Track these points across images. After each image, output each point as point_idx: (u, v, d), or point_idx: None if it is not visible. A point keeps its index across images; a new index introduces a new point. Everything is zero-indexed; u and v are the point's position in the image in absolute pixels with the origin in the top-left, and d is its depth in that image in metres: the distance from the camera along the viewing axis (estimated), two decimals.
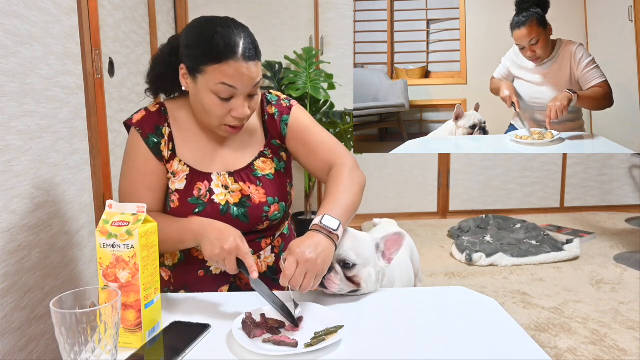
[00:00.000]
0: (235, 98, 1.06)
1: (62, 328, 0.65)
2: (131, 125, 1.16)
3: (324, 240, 0.98)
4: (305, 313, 0.94)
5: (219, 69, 1.02)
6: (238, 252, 0.96)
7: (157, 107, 1.18)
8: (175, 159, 1.15)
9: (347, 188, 1.11)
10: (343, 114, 3.18)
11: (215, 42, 1.02)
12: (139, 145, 1.15)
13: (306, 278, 0.94)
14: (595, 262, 2.78)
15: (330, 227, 1.00)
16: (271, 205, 1.17)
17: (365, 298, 1.05)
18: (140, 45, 2.46)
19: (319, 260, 0.95)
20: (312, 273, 0.94)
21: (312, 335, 0.85)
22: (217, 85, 1.03)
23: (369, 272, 1.04)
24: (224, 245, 0.96)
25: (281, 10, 3.54)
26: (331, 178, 1.15)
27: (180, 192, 1.13)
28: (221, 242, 0.96)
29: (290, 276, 0.93)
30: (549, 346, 1.89)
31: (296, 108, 1.24)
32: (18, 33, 1.23)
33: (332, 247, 0.99)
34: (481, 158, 3.85)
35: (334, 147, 1.22)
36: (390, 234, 1.08)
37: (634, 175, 3.96)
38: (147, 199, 1.13)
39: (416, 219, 3.80)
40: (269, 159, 1.21)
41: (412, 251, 1.58)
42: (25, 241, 1.21)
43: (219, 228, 1.01)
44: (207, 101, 1.06)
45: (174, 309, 0.99)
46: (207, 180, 1.15)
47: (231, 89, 1.04)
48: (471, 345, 0.84)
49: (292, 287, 0.94)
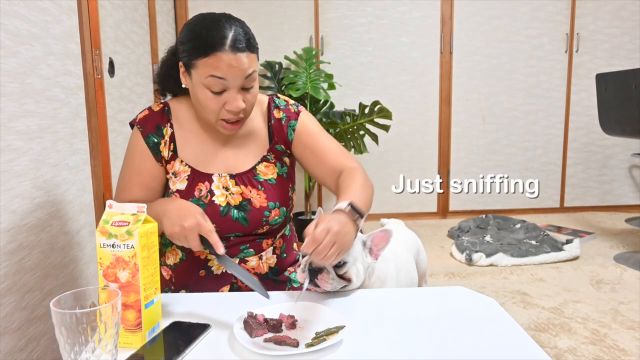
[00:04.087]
0: (228, 91, 1.06)
1: (62, 328, 0.65)
2: (134, 124, 1.17)
3: (351, 222, 0.98)
4: (306, 313, 0.94)
5: (208, 62, 1.03)
6: (200, 229, 0.94)
7: (161, 106, 1.19)
8: (177, 159, 1.15)
9: (363, 186, 1.10)
10: (343, 114, 3.18)
11: (203, 36, 1.03)
12: (138, 144, 1.15)
13: (333, 248, 0.92)
14: (595, 262, 2.78)
15: (357, 215, 0.99)
16: (272, 210, 1.17)
17: (365, 298, 1.05)
18: (140, 45, 2.46)
19: (347, 236, 0.95)
20: (338, 245, 0.93)
21: (313, 335, 0.85)
22: (208, 78, 1.04)
23: (358, 269, 1.06)
24: (183, 223, 0.94)
25: (281, 10, 3.54)
26: (345, 176, 1.14)
27: (181, 193, 1.13)
28: (181, 219, 0.94)
29: (320, 241, 0.90)
30: (549, 346, 1.89)
31: (304, 114, 1.24)
32: (18, 33, 1.23)
33: (354, 232, 0.99)
34: (481, 158, 3.85)
35: (343, 153, 1.21)
36: (377, 231, 1.10)
37: (633, 175, 3.96)
38: (138, 196, 1.14)
39: (416, 219, 3.80)
40: (272, 164, 1.21)
41: (419, 252, 1.58)
42: (25, 241, 1.21)
43: (180, 206, 0.99)
44: (201, 96, 1.07)
45: (174, 309, 0.99)
46: (207, 181, 1.15)
47: (221, 82, 1.04)
48: (471, 345, 0.84)
49: (316, 254, 0.92)
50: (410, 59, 3.68)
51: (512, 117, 3.82)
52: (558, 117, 3.85)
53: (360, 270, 1.07)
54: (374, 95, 3.60)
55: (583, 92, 3.81)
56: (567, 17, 3.71)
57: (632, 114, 2.73)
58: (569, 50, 3.75)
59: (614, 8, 3.72)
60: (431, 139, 3.79)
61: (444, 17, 3.65)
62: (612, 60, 3.78)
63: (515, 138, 3.85)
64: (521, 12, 3.69)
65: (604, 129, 3.03)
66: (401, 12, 3.63)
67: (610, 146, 3.90)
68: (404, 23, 3.64)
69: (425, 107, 3.75)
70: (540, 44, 3.74)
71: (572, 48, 3.75)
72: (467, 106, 3.78)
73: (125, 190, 1.15)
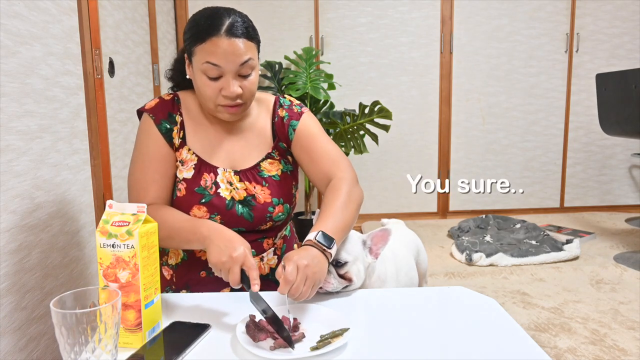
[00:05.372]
0: (224, 77, 1.07)
1: (62, 328, 0.65)
2: (143, 112, 1.17)
3: (319, 254, 0.97)
4: (309, 315, 0.93)
5: (204, 47, 1.04)
6: (244, 262, 0.93)
7: (171, 96, 1.20)
8: (185, 147, 1.16)
9: (344, 204, 1.09)
10: (343, 114, 3.18)
11: (200, 23, 1.05)
12: (151, 131, 1.14)
13: (306, 285, 0.92)
14: (595, 262, 2.78)
15: (325, 245, 0.99)
16: (276, 206, 1.17)
17: (366, 298, 1.05)
18: (140, 45, 2.46)
19: (316, 268, 0.94)
20: (311, 280, 0.93)
21: (317, 339, 0.84)
22: (204, 64, 1.05)
23: (358, 268, 1.07)
24: (232, 254, 0.92)
25: (281, 10, 3.54)
26: (330, 191, 1.13)
27: (187, 181, 1.14)
28: (230, 250, 0.93)
29: (293, 281, 0.90)
30: (548, 346, 1.89)
31: (307, 115, 1.24)
32: (18, 33, 1.23)
33: (326, 262, 0.98)
34: (481, 158, 3.85)
35: (336, 159, 1.20)
36: (377, 230, 1.11)
37: (633, 175, 3.96)
38: (158, 185, 1.12)
39: (416, 219, 3.80)
40: (276, 161, 1.21)
41: (419, 252, 1.58)
42: (25, 241, 1.21)
43: (229, 237, 0.97)
44: (199, 82, 1.08)
45: (174, 309, 0.99)
46: (213, 173, 1.15)
47: (217, 68, 1.05)
48: (471, 345, 0.84)
49: (292, 294, 0.92)
50: (410, 59, 3.68)
51: (511, 117, 3.82)
52: (558, 117, 3.85)
53: (360, 270, 1.08)
54: (374, 95, 3.60)
55: (583, 92, 3.81)
56: (567, 17, 3.71)
57: (632, 114, 2.73)
58: (569, 50, 3.75)
59: (614, 8, 3.72)
60: (431, 139, 3.79)
61: (443, 17, 3.65)
62: (612, 60, 3.78)
63: (515, 138, 3.85)
64: (521, 12, 3.69)
65: (603, 129, 3.03)
66: (401, 12, 3.63)
67: (610, 146, 3.90)
68: (404, 23, 3.64)
69: (425, 107, 3.75)
70: (540, 44, 3.74)
71: (572, 48, 3.75)
72: (467, 106, 3.78)
73: (143, 181, 1.12)
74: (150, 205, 1.06)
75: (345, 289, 1.07)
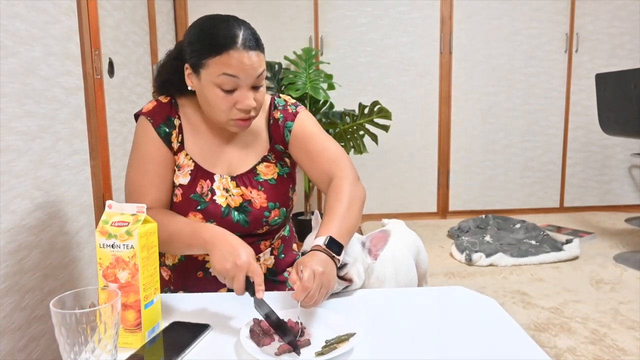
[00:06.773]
0: (239, 90, 1.06)
1: (62, 328, 0.65)
2: (140, 115, 1.15)
3: (330, 260, 0.97)
4: (314, 320, 0.92)
5: (220, 60, 1.02)
6: (249, 268, 0.91)
7: (168, 99, 1.18)
8: (182, 152, 1.15)
9: (349, 205, 1.08)
10: (343, 114, 3.18)
11: (214, 35, 1.03)
12: (149, 133, 1.13)
13: (321, 292, 0.91)
14: (595, 262, 2.78)
15: (334, 251, 0.98)
16: (272, 211, 1.16)
17: (365, 298, 1.05)
18: (140, 45, 2.46)
19: (330, 276, 0.94)
20: (325, 288, 0.92)
21: (323, 344, 0.83)
22: (220, 76, 1.03)
23: (358, 269, 1.07)
24: (236, 260, 0.90)
25: (281, 11, 3.54)
26: (332, 192, 1.12)
27: (183, 187, 1.13)
28: (234, 256, 0.91)
29: (310, 288, 0.88)
30: (548, 346, 1.89)
31: (302, 115, 1.22)
32: (18, 33, 1.23)
33: (335, 269, 0.98)
34: (481, 158, 3.85)
35: (336, 157, 1.18)
36: (376, 232, 1.11)
37: (633, 175, 3.96)
38: (157, 188, 1.11)
39: (416, 219, 3.80)
40: (272, 164, 1.20)
41: (419, 253, 1.58)
42: (25, 241, 1.22)
43: (232, 242, 0.95)
44: (211, 95, 1.06)
45: (174, 309, 0.99)
46: (209, 180, 1.14)
47: (234, 80, 1.04)
48: (471, 345, 0.84)
49: (306, 302, 0.90)
50: (410, 59, 3.68)
51: (512, 117, 3.82)
52: (558, 117, 3.85)
53: (360, 271, 1.08)
54: (373, 95, 3.61)
55: (583, 92, 3.81)
56: (567, 17, 3.71)
57: (632, 114, 2.73)
58: (569, 50, 3.75)
59: (613, 8, 3.72)
60: (431, 139, 3.79)
61: (443, 17, 3.65)
62: (611, 60, 3.78)
63: (515, 138, 3.85)
64: (521, 12, 3.69)
65: (603, 128, 3.03)
66: (401, 12, 3.63)
67: (610, 146, 3.90)
68: (404, 23, 3.64)
69: (425, 107, 3.75)
70: (540, 44, 3.74)
71: (571, 48, 3.75)
72: (467, 106, 3.78)
73: (142, 184, 1.10)
74: (149, 209, 1.05)
75: (346, 289, 1.07)
